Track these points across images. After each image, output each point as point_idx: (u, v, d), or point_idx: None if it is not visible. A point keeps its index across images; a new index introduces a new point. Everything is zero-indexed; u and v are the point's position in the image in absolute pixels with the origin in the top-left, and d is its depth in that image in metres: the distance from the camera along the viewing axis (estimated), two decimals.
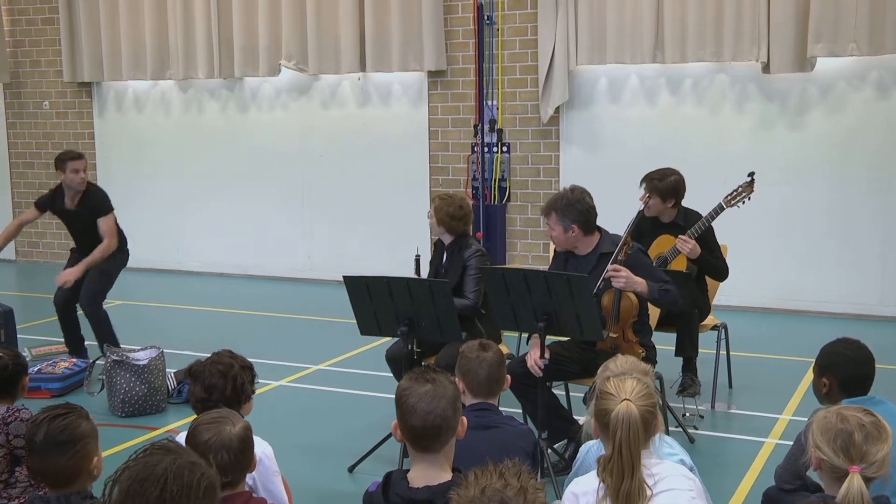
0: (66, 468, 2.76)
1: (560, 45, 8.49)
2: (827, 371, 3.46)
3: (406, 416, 2.52)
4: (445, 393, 2.55)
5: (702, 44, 8.05)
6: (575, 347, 4.79)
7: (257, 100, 10.13)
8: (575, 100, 8.74)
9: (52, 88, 11.00)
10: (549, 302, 4.35)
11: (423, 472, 2.51)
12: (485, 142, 9.03)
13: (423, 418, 2.49)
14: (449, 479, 2.47)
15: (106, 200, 6.57)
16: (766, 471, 4.58)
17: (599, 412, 2.69)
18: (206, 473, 2.18)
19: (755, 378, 6.22)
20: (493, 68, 8.98)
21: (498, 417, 3.42)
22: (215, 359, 3.39)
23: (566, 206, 4.68)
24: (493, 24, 8.91)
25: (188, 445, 2.72)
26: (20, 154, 11.30)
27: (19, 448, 3.66)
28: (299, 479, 4.30)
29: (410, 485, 2.48)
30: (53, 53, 10.92)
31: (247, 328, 7.96)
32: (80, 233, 6.67)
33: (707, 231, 5.52)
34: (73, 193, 6.52)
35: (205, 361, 3.38)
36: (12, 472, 3.68)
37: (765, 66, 7.92)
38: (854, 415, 2.60)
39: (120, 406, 5.61)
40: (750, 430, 5.30)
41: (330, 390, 6.20)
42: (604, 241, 4.78)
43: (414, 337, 4.62)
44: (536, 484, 2.08)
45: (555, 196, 4.78)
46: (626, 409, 2.60)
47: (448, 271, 5.28)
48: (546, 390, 4.60)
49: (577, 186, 4.80)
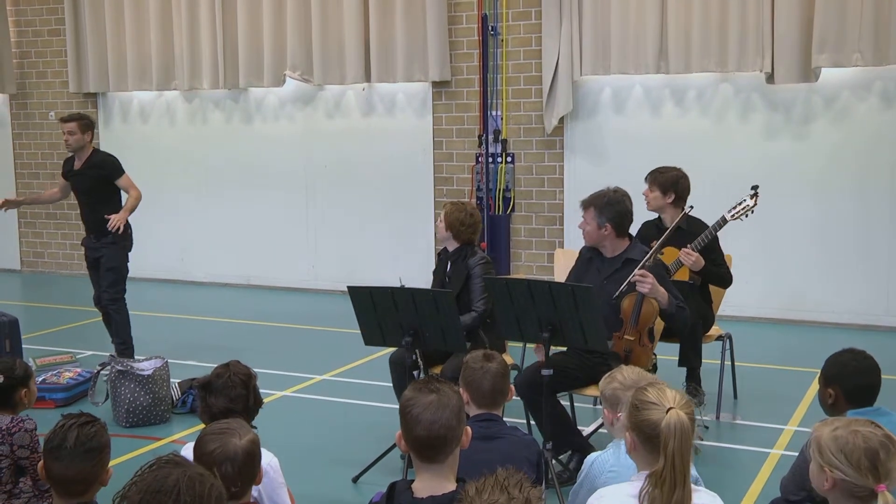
0: (89, 476, 2.81)
1: (564, 56, 8.50)
2: (833, 382, 3.45)
3: (411, 427, 2.51)
4: (450, 403, 2.54)
5: (706, 54, 8.06)
6: (580, 356, 4.78)
7: (262, 110, 10.15)
8: (579, 110, 8.75)
9: (58, 99, 11.04)
10: (553, 312, 4.35)
11: (427, 482, 2.50)
12: (489, 152, 9.03)
13: (428, 428, 2.49)
14: (453, 489, 2.47)
15: (114, 165, 6.75)
16: (771, 482, 4.55)
17: (642, 424, 2.57)
18: (215, 485, 2.19)
19: (760, 389, 6.20)
20: (498, 79, 8.99)
21: (502, 428, 3.41)
22: (234, 369, 3.38)
23: (606, 203, 4.77)
24: (498, 34, 8.93)
25: (195, 455, 2.73)
26: (25, 164, 11.33)
27: (23, 458, 3.66)
28: (304, 490, 4.29)
29: (415, 495, 2.48)
30: (59, 64, 10.96)
31: (251, 338, 7.96)
32: (83, 196, 6.82)
33: (712, 241, 5.52)
34: (80, 155, 6.73)
35: (222, 373, 3.36)
36: (16, 483, 3.68)
37: (769, 76, 7.92)
38: (871, 431, 2.52)
39: (124, 416, 5.61)
40: (755, 440, 5.28)
41: (334, 400, 6.19)
42: (632, 248, 4.85)
43: (418, 347, 4.62)
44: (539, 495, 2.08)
45: (598, 192, 4.86)
46: (676, 418, 2.50)
47: (452, 280, 5.28)
48: (551, 401, 4.59)
49: (621, 189, 4.90)
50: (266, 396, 3.72)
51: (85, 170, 6.74)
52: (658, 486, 2.47)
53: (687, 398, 2.62)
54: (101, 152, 6.94)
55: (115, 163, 6.78)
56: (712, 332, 5.78)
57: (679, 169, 5.68)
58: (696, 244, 5.44)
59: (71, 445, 2.79)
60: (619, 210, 4.78)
